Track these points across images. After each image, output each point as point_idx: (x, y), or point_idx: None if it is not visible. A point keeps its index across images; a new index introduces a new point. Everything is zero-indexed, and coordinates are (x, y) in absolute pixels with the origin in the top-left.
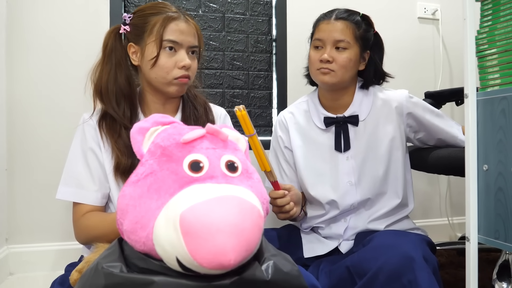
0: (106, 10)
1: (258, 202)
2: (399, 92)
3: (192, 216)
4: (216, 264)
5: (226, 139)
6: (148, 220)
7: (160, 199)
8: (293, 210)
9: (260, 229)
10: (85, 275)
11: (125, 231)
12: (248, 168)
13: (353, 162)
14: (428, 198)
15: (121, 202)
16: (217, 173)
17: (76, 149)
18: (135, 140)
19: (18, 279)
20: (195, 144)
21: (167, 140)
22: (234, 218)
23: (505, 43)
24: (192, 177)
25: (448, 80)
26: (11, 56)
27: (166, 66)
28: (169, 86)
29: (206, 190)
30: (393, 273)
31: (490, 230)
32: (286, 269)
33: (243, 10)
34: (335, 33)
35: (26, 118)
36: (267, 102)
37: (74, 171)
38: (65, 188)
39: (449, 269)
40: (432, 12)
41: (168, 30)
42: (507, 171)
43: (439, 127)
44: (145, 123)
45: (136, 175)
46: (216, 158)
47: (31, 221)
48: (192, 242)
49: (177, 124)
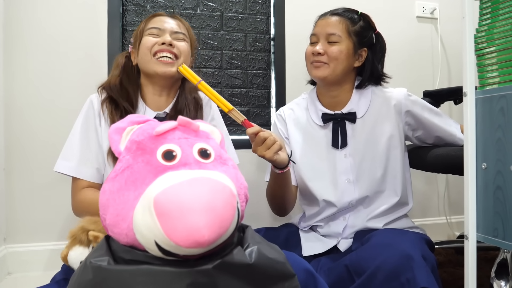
0: (104, 8)
1: (231, 183)
2: (398, 90)
3: (165, 197)
4: (191, 242)
5: (198, 129)
6: (127, 211)
7: (137, 190)
8: (277, 143)
9: (233, 207)
10: (76, 273)
11: (108, 226)
12: (222, 155)
13: (351, 159)
14: (426, 197)
15: (102, 198)
16: (190, 160)
17: (77, 125)
18: (112, 140)
19: (17, 279)
20: (167, 135)
21: (141, 135)
22: (205, 196)
23: (504, 41)
24: (166, 166)
25: (447, 79)
26: (8, 55)
27: (148, 45)
28: (152, 64)
29: (179, 175)
30: (391, 272)
31: (489, 229)
32: (271, 256)
33: (242, 9)
34: (327, 27)
35: (24, 117)
36: (265, 101)
37: (74, 146)
38: (64, 162)
39: (448, 268)
40: (431, 11)
41: (151, 21)
42: (506, 170)
43: (438, 125)
44: (122, 123)
45: (114, 171)
46: (188, 146)
47: (29, 221)
48: (167, 223)
49: (152, 122)
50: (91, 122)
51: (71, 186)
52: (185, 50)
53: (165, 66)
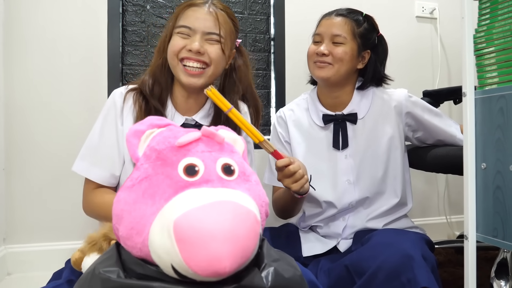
0: (104, 8)
1: (255, 206)
2: (399, 91)
3: (186, 223)
4: (211, 272)
5: (223, 141)
6: (143, 226)
7: (155, 205)
8: (305, 177)
9: (256, 235)
10: (82, 279)
11: (121, 237)
12: (246, 171)
13: (351, 160)
14: (426, 196)
15: (116, 207)
16: (212, 177)
17: (97, 125)
18: (130, 144)
19: (16, 279)
20: (191, 147)
21: (162, 144)
22: (229, 224)
23: (503, 42)
24: (187, 182)
25: (446, 79)
26: (8, 56)
27: (175, 47)
28: (178, 71)
29: (201, 195)
30: (392, 272)
31: (489, 228)
32: (288, 275)
33: (241, 9)
34: (333, 28)
35: (24, 118)
36: (265, 101)
37: (89, 146)
38: (81, 162)
39: (448, 268)
40: (430, 11)
41: (183, 16)
42: (505, 170)
43: (438, 127)
44: (140, 125)
45: (131, 180)
46: (212, 161)
47: (29, 221)
48: (187, 250)
49: (173, 127)
50: (110, 122)
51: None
52: (218, 57)
53: (191, 77)
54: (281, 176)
